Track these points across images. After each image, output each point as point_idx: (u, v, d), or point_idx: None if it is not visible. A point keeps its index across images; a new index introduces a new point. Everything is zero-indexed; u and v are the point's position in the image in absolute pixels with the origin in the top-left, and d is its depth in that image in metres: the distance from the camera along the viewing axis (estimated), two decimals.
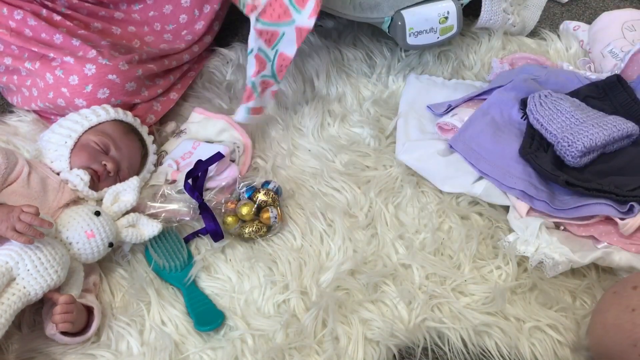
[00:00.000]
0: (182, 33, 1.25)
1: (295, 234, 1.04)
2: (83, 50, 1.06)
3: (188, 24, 1.25)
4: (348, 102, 1.27)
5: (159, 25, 1.23)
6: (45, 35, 1.09)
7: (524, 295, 0.98)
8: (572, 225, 1.01)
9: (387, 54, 1.35)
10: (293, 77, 1.30)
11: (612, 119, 1.04)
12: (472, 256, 1.01)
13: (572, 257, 0.95)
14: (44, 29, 1.09)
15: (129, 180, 1.00)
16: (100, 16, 1.19)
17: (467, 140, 1.10)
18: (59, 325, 0.84)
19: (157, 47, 1.20)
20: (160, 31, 1.24)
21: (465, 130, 1.11)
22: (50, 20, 1.11)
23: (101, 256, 0.94)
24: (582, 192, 1.00)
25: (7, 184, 0.91)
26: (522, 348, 0.92)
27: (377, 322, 0.93)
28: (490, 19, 1.35)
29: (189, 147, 1.11)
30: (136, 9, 1.22)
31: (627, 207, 0.98)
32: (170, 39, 1.24)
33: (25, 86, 1.12)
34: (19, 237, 0.81)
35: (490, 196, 1.07)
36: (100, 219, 0.92)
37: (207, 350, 0.90)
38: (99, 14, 1.18)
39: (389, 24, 1.23)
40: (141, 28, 1.22)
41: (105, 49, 1.08)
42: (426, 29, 1.22)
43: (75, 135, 1.02)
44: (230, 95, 1.27)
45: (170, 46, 1.21)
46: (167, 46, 1.21)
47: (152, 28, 1.23)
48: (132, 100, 1.11)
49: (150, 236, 0.98)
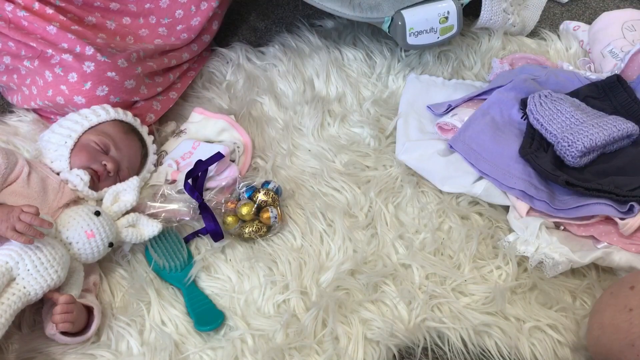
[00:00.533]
0: (177, 28, 1.25)
1: (295, 234, 1.04)
2: (80, 46, 1.06)
3: (184, 19, 1.25)
4: (348, 102, 1.27)
5: (155, 18, 1.24)
6: (38, 28, 1.09)
7: (524, 295, 0.98)
8: (572, 225, 1.01)
9: (387, 54, 1.35)
10: (293, 77, 1.30)
11: (612, 119, 1.04)
12: (472, 256, 1.01)
13: (572, 257, 0.95)
14: (36, 22, 1.09)
15: (129, 180, 1.00)
16: (96, 7, 1.18)
17: (467, 140, 1.10)
18: (59, 325, 0.84)
19: (152, 42, 1.20)
20: (155, 24, 1.24)
21: (465, 130, 1.11)
22: (43, 14, 1.10)
23: (101, 256, 0.94)
24: (582, 192, 1.00)
25: (7, 184, 0.91)
26: (522, 348, 0.92)
27: (377, 322, 0.93)
28: (490, 19, 1.35)
29: (189, 147, 1.11)
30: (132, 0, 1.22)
31: (627, 207, 0.98)
32: (165, 33, 1.24)
33: (25, 85, 1.12)
34: (19, 237, 0.81)
35: (490, 196, 1.07)
36: (100, 219, 0.92)
37: (207, 350, 0.90)
38: (94, 4, 1.18)
39: (389, 24, 1.23)
40: (136, 20, 1.22)
41: (102, 46, 1.08)
42: (426, 29, 1.22)
43: (75, 135, 1.02)
44: (230, 95, 1.27)
45: (165, 42, 1.21)
46: (162, 41, 1.21)
47: (147, 20, 1.23)
48: (131, 97, 1.11)
49: (150, 236, 0.98)
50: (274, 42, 1.39)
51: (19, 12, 1.09)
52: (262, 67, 1.34)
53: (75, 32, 1.09)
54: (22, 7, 1.09)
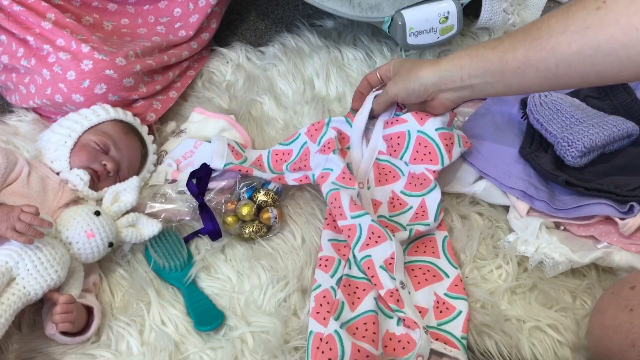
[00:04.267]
0: (175, 26, 1.25)
1: (295, 234, 1.04)
2: (76, 44, 1.06)
3: (182, 17, 1.26)
4: (348, 102, 1.27)
5: (153, 18, 1.24)
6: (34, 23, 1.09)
7: (524, 295, 0.98)
8: (572, 225, 1.01)
9: (387, 54, 1.35)
10: (293, 76, 1.30)
11: (612, 119, 1.04)
12: (473, 256, 1.01)
13: (572, 257, 0.95)
14: (31, 17, 1.09)
15: (129, 180, 1.00)
16: (94, 7, 1.18)
17: None
18: (59, 325, 0.84)
19: (149, 40, 1.20)
20: (154, 23, 1.25)
21: (465, 130, 1.11)
22: (38, 9, 1.10)
23: (101, 256, 0.94)
24: (582, 192, 0.99)
25: (6, 183, 0.91)
26: (522, 348, 0.92)
27: None
28: (490, 19, 1.35)
29: (190, 146, 1.11)
30: (131, 1, 1.22)
31: (627, 207, 0.98)
32: (164, 31, 1.25)
33: (24, 84, 1.12)
34: (19, 237, 0.81)
35: (490, 196, 1.07)
36: (100, 218, 0.92)
37: (207, 350, 0.90)
38: (92, 4, 1.18)
39: (389, 23, 1.23)
40: (134, 20, 1.23)
41: (99, 45, 1.08)
42: (426, 28, 1.23)
43: (75, 135, 1.02)
44: (230, 95, 1.27)
45: (163, 39, 1.21)
46: (160, 39, 1.21)
47: (146, 20, 1.24)
48: (129, 95, 1.11)
49: (150, 236, 0.98)
50: (274, 42, 1.39)
51: (15, 6, 1.09)
52: (262, 67, 1.34)
53: (71, 28, 1.09)
54: (17, 2, 1.10)
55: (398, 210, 1.02)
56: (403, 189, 1.04)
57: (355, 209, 0.95)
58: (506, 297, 0.97)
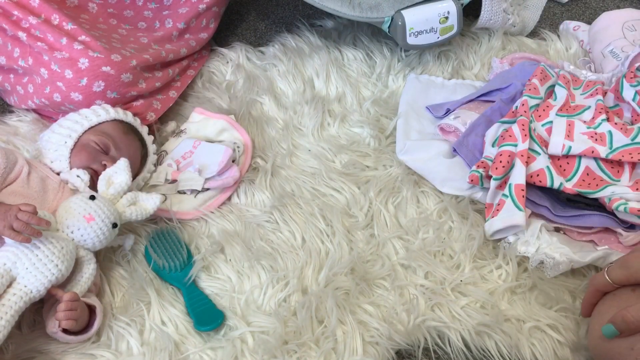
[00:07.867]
0: (163, 13, 1.25)
1: (295, 234, 1.04)
2: (69, 41, 1.05)
3: (171, 6, 1.26)
4: (348, 102, 1.27)
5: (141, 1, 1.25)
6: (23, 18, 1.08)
7: (524, 295, 0.98)
8: (572, 232, 1.01)
9: (387, 54, 1.35)
10: (293, 76, 1.30)
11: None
12: (473, 256, 1.01)
13: (572, 257, 0.95)
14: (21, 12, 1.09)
15: (117, 162, 0.99)
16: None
17: (470, 147, 1.09)
18: (63, 322, 0.84)
19: (134, 25, 1.20)
20: (142, 7, 1.25)
21: (468, 135, 1.10)
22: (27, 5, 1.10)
23: (108, 241, 0.93)
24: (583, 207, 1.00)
25: (6, 183, 0.91)
26: (522, 348, 0.92)
27: (377, 322, 0.93)
28: (490, 19, 1.35)
29: (189, 147, 1.11)
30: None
31: (628, 225, 0.98)
32: (150, 16, 1.26)
33: (22, 84, 1.11)
34: (17, 235, 0.81)
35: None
36: (97, 201, 0.91)
37: (207, 350, 0.90)
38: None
39: (389, 24, 1.23)
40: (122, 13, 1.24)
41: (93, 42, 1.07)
42: (426, 29, 1.23)
43: (75, 135, 1.02)
44: (230, 95, 1.27)
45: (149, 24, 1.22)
46: (145, 24, 1.22)
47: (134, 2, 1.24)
48: (128, 92, 1.10)
49: (154, 209, 0.97)
50: (274, 42, 1.40)
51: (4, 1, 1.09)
52: (262, 67, 1.34)
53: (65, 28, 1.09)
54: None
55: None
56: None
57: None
58: (506, 297, 0.97)
